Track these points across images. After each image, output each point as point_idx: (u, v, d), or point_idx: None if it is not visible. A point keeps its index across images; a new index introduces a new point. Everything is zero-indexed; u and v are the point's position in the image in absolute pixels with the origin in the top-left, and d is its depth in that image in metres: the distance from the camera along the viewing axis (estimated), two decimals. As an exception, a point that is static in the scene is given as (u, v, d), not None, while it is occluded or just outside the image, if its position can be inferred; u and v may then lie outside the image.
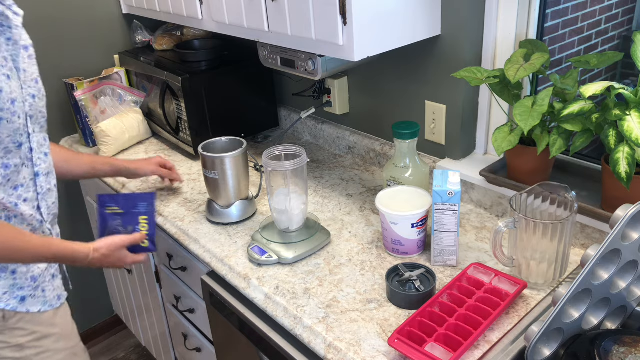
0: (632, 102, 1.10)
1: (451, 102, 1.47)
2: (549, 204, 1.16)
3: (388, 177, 1.43)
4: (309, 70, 1.49)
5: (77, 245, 1.21)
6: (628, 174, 1.08)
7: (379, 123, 1.73)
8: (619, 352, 0.92)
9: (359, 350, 1.05)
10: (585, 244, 1.28)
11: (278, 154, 1.35)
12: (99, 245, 1.24)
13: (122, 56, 2.16)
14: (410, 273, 1.19)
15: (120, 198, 1.30)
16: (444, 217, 1.21)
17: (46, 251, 1.16)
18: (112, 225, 1.29)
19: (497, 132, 1.28)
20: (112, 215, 1.29)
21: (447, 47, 1.42)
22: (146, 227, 1.31)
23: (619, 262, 0.95)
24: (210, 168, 1.45)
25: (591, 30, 2.08)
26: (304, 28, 1.30)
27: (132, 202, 1.30)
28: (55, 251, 1.17)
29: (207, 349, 1.68)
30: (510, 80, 1.20)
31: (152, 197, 1.31)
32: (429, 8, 1.36)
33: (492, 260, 1.26)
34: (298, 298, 1.20)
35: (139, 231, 1.30)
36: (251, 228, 1.47)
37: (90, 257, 1.22)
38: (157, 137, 2.12)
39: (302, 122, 1.99)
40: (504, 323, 1.09)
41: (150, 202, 1.31)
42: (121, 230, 1.29)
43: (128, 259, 1.29)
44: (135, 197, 1.31)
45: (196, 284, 1.57)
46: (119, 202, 1.30)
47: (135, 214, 1.30)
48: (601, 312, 1.02)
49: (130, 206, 1.30)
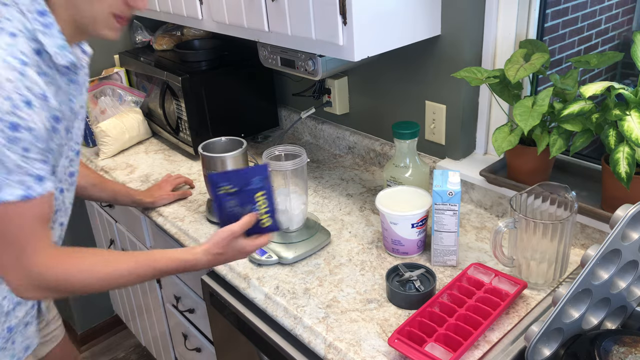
0: (632, 102, 1.10)
1: (451, 102, 1.47)
2: (549, 204, 1.16)
3: (388, 177, 1.43)
4: (309, 70, 1.49)
5: (184, 253, 1.10)
6: (628, 174, 1.08)
7: (379, 123, 1.73)
8: (619, 352, 0.92)
9: (359, 350, 1.05)
10: (585, 244, 1.28)
11: (278, 154, 1.35)
12: (207, 246, 1.10)
13: (122, 56, 2.16)
14: (410, 273, 1.19)
15: (232, 175, 1.11)
16: (444, 217, 1.21)
17: (151, 270, 1.06)
18: (228, 206, 1.11)
19: (497, 132, 1.28)
20: (225, 195, 1.11)
21: (447, 47, 1.42)
22: (265, 203, 1.12)
23: (619, 262, 0.95)
24: (211, 168, 1.45)
25: (591, 30, 2.08)
26: (304, 28, 1.30)
27: (244, 178, 1.11)
28: (161, 267, 1.07)
29: (207, 349, 1.68)
30: (510, 80, 1.20)
31: (266, 169, 1.12)
32: (429, 8, 1.36)
33: (492, 260, 1.26)
34: (298, 298, 1.20)
35: (257, 210, 1.12)
36: (251, 228, 1.47)
37: (200, 262, 1.09)
38: (157, 137, 2.12)
39: (302, 122, 1.99)
40: (504, 323, 1.09)
41: (264, 175, 1.11)
42: (238, 212, 1.11)
43: (249, 247, 1.12)
44: (247, 172, 1.12)
45: (196, 284, 1.57)
46: (232, 179, 1.10)
47: (251, 191, 1.11)
48: (601, 312, 1.02)
49: (243, 183, 1.11)
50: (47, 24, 0.98)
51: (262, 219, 1.13)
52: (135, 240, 1.91)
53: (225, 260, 1.12)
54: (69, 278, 0.99)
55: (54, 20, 0.99)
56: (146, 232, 1.80)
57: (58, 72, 1.03)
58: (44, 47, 0.98)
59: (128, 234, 1.96)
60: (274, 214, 1.14)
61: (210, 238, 1.10)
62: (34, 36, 0.96)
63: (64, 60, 1.01)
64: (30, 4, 0.97)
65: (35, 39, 0.96)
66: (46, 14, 0.98)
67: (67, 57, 1.02)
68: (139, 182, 1.78)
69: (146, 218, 1.71)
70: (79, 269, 1.00)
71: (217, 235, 1.10)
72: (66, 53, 1.01)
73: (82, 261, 1.01)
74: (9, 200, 0.90)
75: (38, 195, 0.94)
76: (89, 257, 1.03)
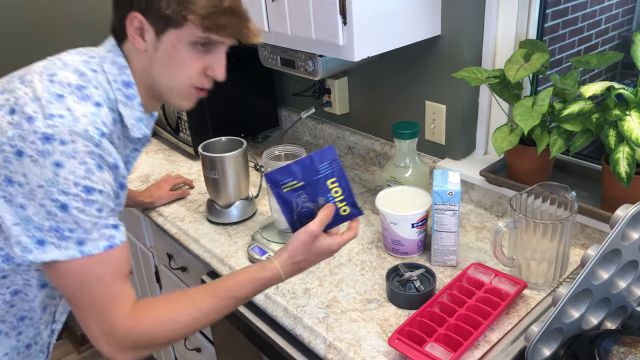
0: (632, 102, 1.10)
1: (451, 102, 1.47)
2: (549, 204, 1.16)
3: (388, 177, 1.43)
4: (309, 70, 1.49)
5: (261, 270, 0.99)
6: (628, 174, 1.08)
7: (379, 123, 1.73)
8: (619, 352, 0.92)
9: (359, 350, 1.05)
10: (585, 244, 1.28)
11: (278, 154, 1.35)
12: (285, 256, 0.99)
13: (122, 56, 2.16)
14: (410, 273, 1.19)
15: (295, 167, 0.98)
16: (444, 217, 1.21)
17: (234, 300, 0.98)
18: (298, 204, 0.99)
19: (497, 132, 1.28)
20: (292, 192, 0.98)
21: (447, 47, 1.42)
22: (339, 191, 0.99)
23: (619, 262, 0.95)
24: (211, 168, 1.45)
25: (591, 30, 2.08)
26: (304, 28, 1.30)
27: (311, 168, 0.99)
28: (244, 294, 0.98)
29: (207, 349, 1.68)
30: (510, 80, 1.20)
31: (332, 152, 1.00)
32: (429, 8, 1.36)
33: (492, 260, 1.26)
34: (298, 298, 1.20)
35: (332, 200, 1.00)
36: (251, 228, 1.47)
37: (282, 276, 1.00)
38: (157, 137, 2.12)
39: (302, 122, 1.99)
40: (504, 323, 1.09)
41: (332, 159, 0.99)
42: (312, 208, 0.99)
43: (335, 245, 1.00)
44: (312, 160, 0.99)
45: (196, 284, 1.57)
46: (295, 173, 0.98)
47: (321, 180, 0.99)
48: (601, 312, 1.02)
49: (310, 173, 0.98)
50: (130, 96, 0.98)
51: (339, 207, 1.01)
52: (135, 240, 1.91)
53: (310, 265, 1.02)
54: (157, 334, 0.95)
55: (136, 92, 0.99)
56: (146, 232, 1.80)
57: (128, 139, 1.03)
58: (122, 118, 0.98)
59: (128, 234, 1.96)
60: (352, 198, 1.01)
61: (287, 245, 1.00)
62: (115, 107, 0.96)
63: (139, 133, 1.01)
64: (118, 74, 0.98)
65: (115, 109, 0.96)
66: (131, 86, 0.98)
67: (142, 130, 1.01)
68: (138, 182, 1.78)
69: (146, 218, 1.71)
70: (163, 323, 0.95)
71: (294, 240, 0.99)
72: (142, 126, 1.01)
73: (163, 314, 0.95)
74: (93, 254, 0.89)
75: (120, 242, 0.92)
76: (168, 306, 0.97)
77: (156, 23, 0.95)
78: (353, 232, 1.02)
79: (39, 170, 0.85)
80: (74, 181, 0.86)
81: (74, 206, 0.86)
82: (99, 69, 0.96)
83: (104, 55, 0.99)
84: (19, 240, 0.87)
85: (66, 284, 0.91)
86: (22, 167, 0.85)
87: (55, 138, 0.85)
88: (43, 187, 0.85)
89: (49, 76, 0.91)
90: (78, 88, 0.92)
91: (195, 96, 1.04)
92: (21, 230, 0.87)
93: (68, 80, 0.91)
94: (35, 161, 0.84)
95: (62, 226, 0.87)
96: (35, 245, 0.87)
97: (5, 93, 0.90)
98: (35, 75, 0.91)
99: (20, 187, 0.86)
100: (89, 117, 0.90)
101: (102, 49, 1.00)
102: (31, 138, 0.84)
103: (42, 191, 0.85)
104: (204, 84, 1.02)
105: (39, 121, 0.85)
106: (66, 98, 0.89)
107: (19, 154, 0.85)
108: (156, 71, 0.99)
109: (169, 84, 1.00)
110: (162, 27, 0.95)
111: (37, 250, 0.87)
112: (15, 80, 0.92)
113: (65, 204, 0.86)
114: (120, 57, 0.99)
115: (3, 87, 0.92)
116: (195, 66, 0.98)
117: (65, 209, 0.86)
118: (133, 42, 0.97)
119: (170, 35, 0.95)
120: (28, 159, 0.85)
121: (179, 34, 0.95)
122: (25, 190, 0.86)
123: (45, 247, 0.87)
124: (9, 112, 0.87)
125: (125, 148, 1.04)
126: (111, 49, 0.99)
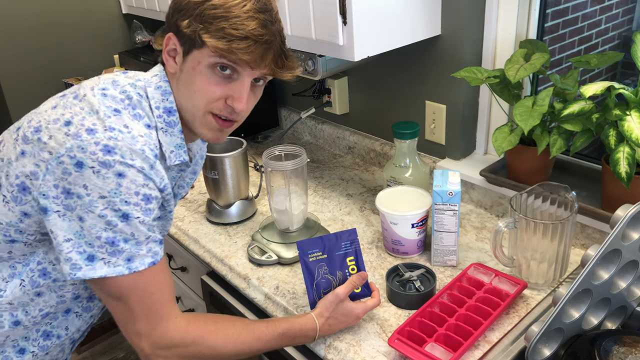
0: (632, 102, 1.10)
1: (451, 102, 1.47)
2: (549, 204, 1.16)
3: (388, 177, 1.43)
4: (309, 70, 1.49)
5: (302, 318, 1.05)
6: (628, 174, 1.08)
7: (379, 123, 1.73)
8: (619, 352, 0.92)
9: (359, 350, 1.05)
10: (585, 244, 1.28)
11: (278, 154, 1.35)
12: (319, 310, 1.06)
13: (122, 56, 2.16)
14: (410, 273, 1.19)
15: (322, 241, 1.12)
16: (444, 217, 1.20)
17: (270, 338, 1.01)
18: (319, 274, 1.10)
19: (497, 132, 1.28)
20: (316, 262, 1.10)
21: (447, 47, 1.42)
22: (356, 269, 1.12)
23: (619, 262, 0.95)
24: (210, 168, 1.45)
25: (591, 30, 2.08)
26: (304, 28, 1.30)
27: (334, 243, 1.12)
28: (281, 331, 1.02)
29: (207, 349, 1.68)
30: (510, 80, 1.20)
31: (355, 233, 1.13)
32: (429, 8, 1.36)
33: (492, 260, 1.26)
34: (298, 298, 1.20)
35: (349, 276, 1.11)
36: (251, 228, 1.47)
37: (318, 328, 1.05)
38: (157, 137, 2.12)
39: (302, 122, 1.99)
40: (504, 323, 1.09)
41: (353, 239, 1.13)
42: (330, 279, 1.10)
43: (357, 310, 1.08)
44: (336, 237, 1.13)
45: (196, 284, 1.57)
46: (321, 245, 1.11)
47: (341, 257, 1.12)
48: (601, 312, 1.02)
49: (333, 248, 1.11)
50: (171, 123, 0.96)
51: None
52: (135, 240, 1.91)
53: (339, 326, 1.08)
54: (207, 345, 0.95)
55: (177, 119, 0.97)
56: (146, 232, 1.80)
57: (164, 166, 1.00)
58: (161, 146, 0.95)
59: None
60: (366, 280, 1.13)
61: (322, 302, 1.07)
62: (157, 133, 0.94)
63: (177, 159, 0.98)
64: (161, 100, 0.95)
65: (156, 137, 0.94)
66: (173, 112, 0.96)
67: (180, 156, 0.98)
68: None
69: (146, 218, 1.71)
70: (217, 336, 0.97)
71: (324, 299, 1.07)
72: (181, 152, 0.98)
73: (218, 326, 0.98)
74: (140, 270, 0.89)
75: (160, 258, 0.92)
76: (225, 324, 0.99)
77: (184, 44, 0.93)
78: (376, 301, 1.11)
79: (101, 182, 0.83)
80: (135, 190, 0.86)
81: (135, 216, 0.86)
82: (143, 93, 0.94)
83: (150, 80, 0.96)
84: (69, 257, 0.86)
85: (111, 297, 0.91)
86: (82, 179, 0.83)
87: (116, 152, 0.84)
88: (105, 198, 0.84)
89: (101, 90, 0.91)
90: (131, 106, 0.91)
91: (217, 127, 0.98)
92: (72, 246, 0.86)
93: (120, 97, 0.91)
94: (98, 172, 0.83)
95: (119, 237, 0.86)
96: (85, 261, 0.86)
97: (58, 108, 0.89)
98: (88, 89, 0.91)
99: (79, 198, 0.84)
100: (144, 137, 0.89)
101: (149, 74, 0.98)
102: (92, 149, 0.83)
103: (105, 202, 0.84)
104: (222, 111, 0.96)
105: (99, 133, 0.84)
106: (122, 114, 0.89)
107: (79, 165, 0.83)
108: (180, 95, 0.96)
109: (190, 109, 0.96)
110: (188, 48, 0.93)
111: (87, 267, 0.86)
112: (69, 96, 0.91)
113: (127, 214, 0.85)
114: (165, 82, 0.96)
115: (56, 103, 0.91)
116: (213, 91, 0.94)
117: (126, 218, 0.86)
118: (167, 64, 0.96)
119: (193, 57, 0.92)
120: (89, 170, 0.83)
121: (200, 56, 0.91)
122: (85, 201, 0.84)
123: (95, 263, 0.86)
124: (65, 124, 0.86)
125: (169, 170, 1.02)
126: (157, 73, 0.97)
